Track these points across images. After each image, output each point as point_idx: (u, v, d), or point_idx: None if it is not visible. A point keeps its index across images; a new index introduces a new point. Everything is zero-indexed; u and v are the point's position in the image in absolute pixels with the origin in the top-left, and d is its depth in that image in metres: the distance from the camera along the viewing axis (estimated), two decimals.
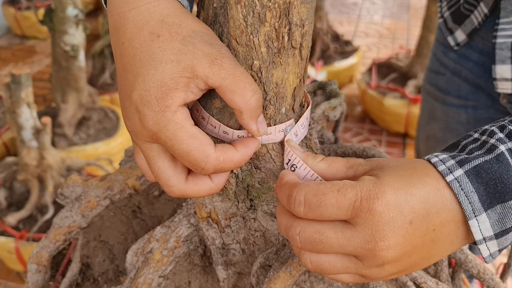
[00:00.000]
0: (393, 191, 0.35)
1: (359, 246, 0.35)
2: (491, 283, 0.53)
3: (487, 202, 0.36)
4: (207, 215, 0.48)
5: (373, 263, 0.36)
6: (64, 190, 0.63)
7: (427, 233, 0.36)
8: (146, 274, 0.50)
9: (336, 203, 0.35)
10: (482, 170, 0.36)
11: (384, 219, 0.35)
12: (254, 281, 0.47)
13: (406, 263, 0.37)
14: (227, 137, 0.43)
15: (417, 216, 0.36)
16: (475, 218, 0.36)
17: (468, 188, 0.36)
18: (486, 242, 0.37)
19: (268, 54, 0.42)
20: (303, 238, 0.37)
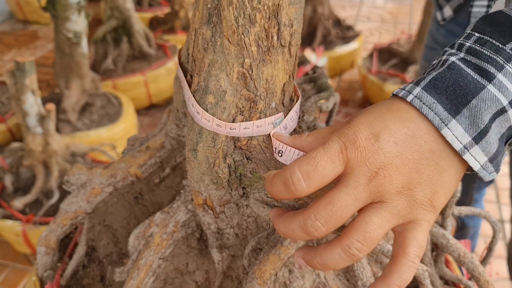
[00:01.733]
0: (365, 127, 0.37)
1: (366, 187, 0.36)
2: (470, 266, 0.56)
3: (453, 110, 0.37)
4: (203, 202, 0.52)
5: (391, 195, 0.36)
6: (70, 177, 0.66)
7: (420, 147, 0.37)
8: (147, 256, 0.54)
9: (328, 159, 0.36)
10: (437, 82, 0.38)
11: (370, 150, 0.36)
12: (246, 263, 0.51)
13: (422, 181, 0.37)
14: (220, 129, 0.46)
15: (399, 136, 0.37)
16: (446, 127, 0.37)
17: (430, 101, 0.37)
18: (468, 150, 0.37)
19: (258, 52, 0.45)
20: (322, 219, 0.36)
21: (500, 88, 0.37)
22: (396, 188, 0.37)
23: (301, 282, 0.50)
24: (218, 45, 0.45)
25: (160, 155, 0.65)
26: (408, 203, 0.37)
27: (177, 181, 0.63)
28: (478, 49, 0.38)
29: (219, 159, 0.48)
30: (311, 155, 0.37)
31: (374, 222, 0.36)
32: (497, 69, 0.37)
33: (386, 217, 0.37)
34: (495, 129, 0.38)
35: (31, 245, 1.67)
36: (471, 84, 0.37)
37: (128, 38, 2.45)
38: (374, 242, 0.37)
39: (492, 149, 0.38)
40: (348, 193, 0.36)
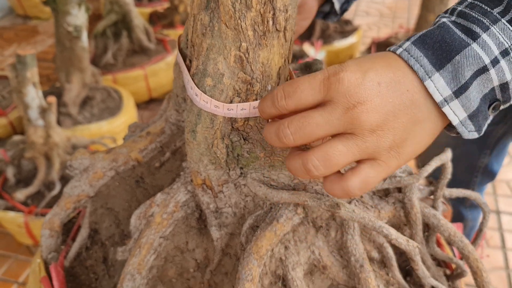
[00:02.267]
0: (355, 63, 0.40)
1: (341, 116, 0.38)
2: (460, 245, 0.58)
3: (438, 64, 0.39)
4: (202, 182, 0.54)
5: (364, 130, 0.38)
6: (73, 162, 0.68)
7: (401, 93, 0.39)
8: (148, 235, 0.56)
9: (309, 84, 0.39)
10: (426, 37, 0.40)
11: (352, 84, 0.38)
12: (243, 240, 0.53)
13: (396, 126, 0.39)
14: (218, 110, 0.48)
15: (383, 78, 0.39)
16: (429, 79, 0.39)
17: (417, 54, 0.39)
18: (448, 103, 0.39)
19: (254, 36, 0.46)
20: (292, 127, 0.39)
21: (484, 47, 0.39)
22: (370, 125, 0.38)
23: (296, 258, 0.52)
24: (216, 29, 0.47)
25: (161, 140, 0.67)
26: (377, 142, 0.39)
27: (177, 164, 0.65)
28: (468, 12, 0.41)
29: (217, 139, 0.50)
30: (297, 80, 0.40)
31: (338, 148, 0.39)
32: (482, 30, 0.39)
33: (352, 149, 0.39)
34: (476, 87, 0.39)
35: (33, 236, 1.69)
36: (457, 42, 0.39)
37: (128, 32, 2.47)
38: (332, 166, 0.39)
39: (472, 106, 0.40)
40: (322, 114, 0.39)
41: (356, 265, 0.52)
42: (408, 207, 0.58)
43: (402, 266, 0.63)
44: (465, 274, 0.65)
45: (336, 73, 0.39)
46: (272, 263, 0.52)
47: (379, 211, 0.57)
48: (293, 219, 0.51)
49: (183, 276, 0.58)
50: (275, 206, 0.53)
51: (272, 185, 0.52)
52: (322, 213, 0.54)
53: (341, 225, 0.55)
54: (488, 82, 0.40)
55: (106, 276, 0.67)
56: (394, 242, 0.50)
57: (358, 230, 0.54)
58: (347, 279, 0.53)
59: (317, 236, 0.54)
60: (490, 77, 0.39)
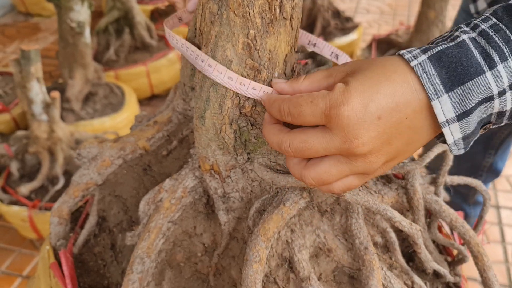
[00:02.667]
0: (358, 95, 0.40)
1: (339, 146, 0.40)
2: (461, 230, 0.60)
3: (449, 85, 0.39)
4: (210, 168, 0.55)
5: (357, 158, 0.41)
6: (82, 150, 0.69)
7: (400, 122, 0.40)
8: (157, 220, 0.57)
9: (311, 112, 0.41)
10: (443, 55, 0.39)
11: (352, 121, 0.39)
12: (251, 223, 0.54)
13: (390, 150, 0.41)
14: (230, 83, 0.49)
15: (385, 111, 0.40)
16: (438, 99, 0.39)
17: (431, 71, 0.39)
18: (449, 125, 0.40)
19: (262, 24, 0.48)
20: (293, 149, 0.43)
21: (496, 78, 0.39)
22: (363, 155, 0.41)
23: (302, 241, 0.53)
24: (224, 17, 0.48)
25: (168, 129, 0.68)
26: (369, 165, 0.42)
27: (184, 153, 0.66)
28: (491, 35, 0.40)
29: (225, 125, 0.51)
30: (300, 102, 0.42)
31: (332, 173, 0.43)
32: (500, 59, 0.39)
33: (344, 172, 0.43)
34: (478, 113, 0.40)
35: (37, 231, 1.70)
36: (473, 67, 0.39)
37: (130, 29, 2.48)
38: (325, 185, 0.44)
39: (469, 130, 0.41)
40: (321, 143, 0.41)
41: (360, 247, 0.53)
42: (411, 193, 0.59)
43: (405, 252, 0.64)
44: (467, 260, 0.66)
45: (337, 106, 0.40)
46: (278, 245, 0.53)
47: (382, 196, 0.58)
48: (299, 202, 0.53)
49: (191, 260, 0.60)
50: (282, 191, 0.54)
51: (279, 170, 0.53)
52: (327, 198, 0.56)
53: (345, 210, 0.56)
54: (489, 110, 0.41)
55: (114, 262, 0.68)
56: (398, 225, 0.51)
57: (362, 215, 0.56)
58: (352, 262, 0.54)
59: (322, 220, 0.56)
60: (492, 106, 0.40)
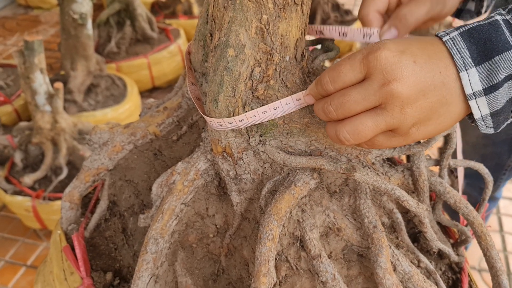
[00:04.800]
0: (393, 42, 0.42)
1: (377, 91, 0.41)
2: (465, 211, 0.61)
3: (477, 60, 0.41)
4: (222, 150, 0.57)
5: (394, 107, 0.41)
6: (93, 136, 0.70)
7: (434, 74, 0.41)
8: (170, 202, 0.59)
9: (350, 66, 0.43)
10: (474, 32, 0.42)
11: (389, 61, 0.41)
12: (263, 203, 0.56)
13: (424, 105, 0.42)
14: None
15: (419, 57, 0.41)
16: (466, 71, 0.41)
17: (461, 45, 0.41)
18: (476, 98, 0.42)
19: (274, 9, 0.49)
20: (334, 105, 0.44)
21: None
22: (401, 102, 0.41)
23: (313, 220, 0.55)
24: (237, 3, 0.49)
25: (177, 115, 0.69)
26: (403, 119, 0.42)
27: (194, 137, 0.68)
28: None
29: (238, 108, 0.53)
30: (338, 63, 0.44)
31: (368, 124, 0.43)
32: None
33: (380, 124, 0.43)
34: (506, 89, 0.41)
35: (41, 220, 1.72)
36: (501, 43, 0.41)
37: (131, 21, 2.49)
38: (361, 139, 0.44)
39: (497, 106, 0.42)
40: (360, 92, 0.43)
41: (369, 226, 0.55)
42: (416, 175, 0.61)
43: (410, 233, 0.66)
44: (470, 240, 0.68)
45: (374, 51, 0.42)
46: (290, 224, 0.55)
47: (389, 178, 0.60)
48: (309, 183, 0.54)
49: (203, 241, 0.61)
50: (292, 172, 0.55)
51: (290, 151, 0.55)
52: (336, 179, 0.57)
53: (354, 191, 0.58)
54: None
55: (125, 246, 0.70)
56: (405, 204, 0.53)
57: (369, 195, 0.57)
58: (361, 240, 0.56)
59: (331, 200, 0.57)
60: None
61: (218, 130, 0.55)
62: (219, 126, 0.54)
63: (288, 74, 0.53)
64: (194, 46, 0.63)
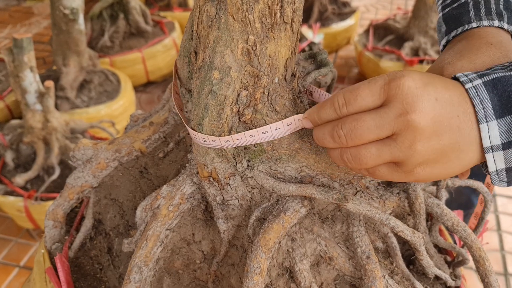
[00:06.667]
0: (418, 74, 0.40)
1: (392, 121, 0.39)
2: (463, 234, 0.59)
3: (499, 112, 0.39)
4: (208, 175, 0.54)
5: (405, 140, 0.39)
6: (76, 152, 0.68)
7: (452, 117, 0.39)
8: (155, 227, 0.56)
9: (369, 91, 0.40)
10: (499, 83, 0.40)
11: (412, 92, 0.39)
12: (251, 232, 0.53)
13: (436, 147, 0.39)
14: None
15: (441, 96, 0.39)
16: (486, 123, 0.39)
17: (484, 96, 0.39)
18: (493, 152, 0.40)
19: (262, 29, 0.46)
20: (345, 129, 0.41)
21: None
22: (414, 136, 0.39)
23: (303, 250, 0.52)
24: (222, 22, 0.46)
25: (164, 130, 0.66)
26: (410, 155, 0.40)
27: (181, 155, 0.65)
28: None
29: (224, 133, 0.50)
30: (357, 85, 0.41)
31: (371, 151, 0.41)
32: None
33: (384, 154, 0.41)
34: None
35: (34, 221, 1.69)
36: None
37: (125, 14, 2.44)
38: (362, 164, 0.42)
39: None
40: (374, 119, 0.40)
41: (362, 256, 0.52)
42: (413, 198, 0.58)
43: (406, 255, 0.63)
44: (467, 262, 0.66)
45: (397, 79, 0.40)
46: (279, 255, 0.52)
47: (384, 201, 0.57)
48: (300, 211, 0.51)
49: (190, 267, 0.59)
50: (282, 199, 0.53)
51: (279, 177, 0.52)
52: (327, 205, 0.55)
53: (346, 217, 0.55)
54: None
55: (111, 267, 0.67)
56: (400, 234, 0.51)
57: (363, 222, 0.55)
58: (353, 270, 0.54)
59: (323, 227, 0.55)
60: None
61: (203, 155, 0.52)
62: (203, 142, 0.51)
63: (277, 97, 0.50)
64: (180, 61, 0.60)
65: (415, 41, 2.31)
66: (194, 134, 0.51)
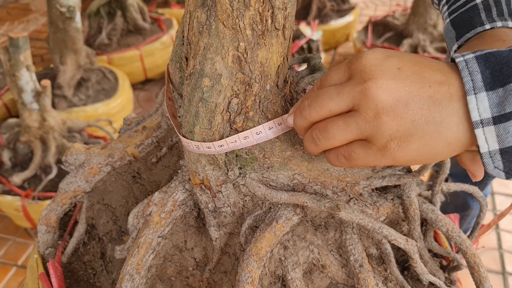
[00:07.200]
0: (383, 50, 0.40)
1: (351, 89, 0.39)
2: (458, 240, 0.58)
3: (490, 84, 0.36)
4: (200, 182, 0.53)
5: (367, 109, 0.37)
6: (68, 157, 0.67)
7: (422, 86, 0.37)
8: (147, 235, 0.55)
9: (336, 70, 0.42)
10: (491, 56, 0.36)
11: (370, 62, 0.38)
12: (243, 240, 0.52)
13: (405, 116, 0.37)
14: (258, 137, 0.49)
15: (407, 65, 0.38)
16: (474, 95, 0.36)
17: (474, 68, 0.36)
18: (483, 126, 0.36)
19: (253, 36, 0.45)
20: (309, 100, 0.42)
21: None
22: (375, 105, 0.37)
23: (296, 258, 0.52)
24: (213, 28, 0.46)
25: (157, 135, 0.66)
26: (377, 126, 0.38)
27: (174, 160, 0.64)
28: None
29: (215, 140, 0.49)
30: (328, 71, 0.43)
31: (338, 123, 0.40)
32: None
33: (350, 126, 0.39)
34: None
35: (31, 220, 1.69)
36: None
37: (122, 11, 2.43)
38: (329, 138, 0.41)
39: (508, 141, 0.36)
40: (336, 87, 0.41)
41: (355, 265, 0.52)
42: (407, 204, 0.57)
43: (400, 261, 0.63)
44: (462, 268, 0.65)
45: (359, 56, 0.40)
46: (271, 263, 0.52)
47: (378, 208, 0.57)
48: (292, 219, 0.51)
49: (182, 274, 0.58)
50: (274, 206, 0.52)
51: (271, 185, 0.52)
52: (321, 212, 0.54)
53: (340, 224, 0.54)
54: None
55: (104, 272, 0.67)
56: (394, 242, 0.50)
57: (356, 229, 0.54)
58: (346, 278, 0.53)
59: (316, 235, 0.54)
60: None
61: (195, 163, 0.52)
62: (196, 149, 0.50)
63: (269, 104, 0.50)
64: (172, 66, 0.59)
65: (414, 38, 2.30)
66: (187, 142, 0.51)
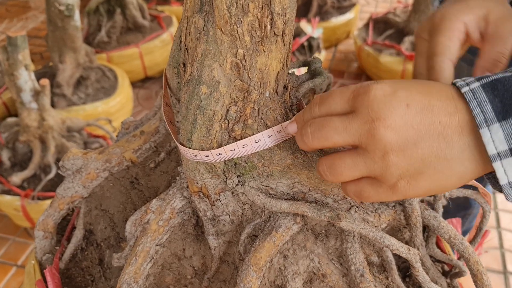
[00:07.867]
0: (390, 82, 0.38)
1: (359, 127, 0.37)
2: (460, 247, 0.58)
3: (502, 114, 0.34)
4: (198, 190, 0.52)
5: (376, 150, 0.37)
6: (65, 162, 0.66)
7: (431, 123, 0.36)
8: (144, 243, 0.55)
9: (341, 95, 0.40)
10: (499, 83, 0.35)
11: (378, 98, 0.37)
12: (242, 249, 0.52)
13: (414, 155, 0.36)
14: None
15: (415, 102, 0.36)
16: (487, 127, 0.35)
17: (482, 98, 0.35)
18: (501, 159, 0.35)
19: (251, 42, 0.44)
20: (313, 128, 0.40)
21: None
22: (383, 146, 0.36)
23: (296, 267, 0.51)
24: (210, 34, 0.45)
25: (155, 140, 0.65)
26: (386, 167, 0.37)
27: (172, 165, 0.63)
28: None
29: (213, 149, 0.48)
30: (332, 89, 0.42)
31: (345, 161, 0.39)
32: None
33: (358, 165, 0.39)
34: None
35: (31, 219, 1.69)
36: None
37: (122, 9, 2.41)
38: (337, 175, 0.40)
39: None
40: (342, 120, 0.39)
41: (356, 274, 0.51)
42: (409, 211, 0.57)
43: (402, 267, 0.62)
44: (465, 274, 0.64)
45: (366, 87, 0.38)
46: (271, 273, 0.51)
47: (379, 215, 0.56)
48: (292, 228, 0.50)
49: (181, 282, 0.57)
50: (274, 215, 0.51)
51: (271, 194, 0.51)
52: (321, 220, 0.53)
53: (340, 232, 0.54)
54: None
55: (102, 278, 0.66)
56: (396, 251, 0.49)
57: (357, 237, 0.53)
58: None
59: (316, 243, 0.53)
60: None
61: (193, 170, 0.51)
62: (194, 157, 0.50)
63: (268, 111, 0.49)
64: (169, 71, 0.58)
65: None
66: (185, 150, 0.50)
